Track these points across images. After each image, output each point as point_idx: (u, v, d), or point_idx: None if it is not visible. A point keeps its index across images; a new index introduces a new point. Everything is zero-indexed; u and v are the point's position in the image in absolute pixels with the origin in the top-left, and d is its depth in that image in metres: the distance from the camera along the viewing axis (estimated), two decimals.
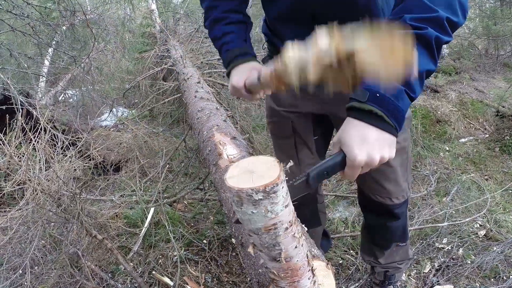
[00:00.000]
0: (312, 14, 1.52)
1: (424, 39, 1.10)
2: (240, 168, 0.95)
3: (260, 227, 0.93)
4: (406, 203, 2.02)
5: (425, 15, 1.11)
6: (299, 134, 1.98)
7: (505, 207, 3.57)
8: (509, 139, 5.02)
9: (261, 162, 0.96)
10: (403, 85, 1.09)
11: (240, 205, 0.89)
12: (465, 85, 6.90)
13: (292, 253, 1.03)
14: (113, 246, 2.43)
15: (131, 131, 4.08)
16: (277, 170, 0.91)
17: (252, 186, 0.86)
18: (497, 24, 6.98)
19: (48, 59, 5.89)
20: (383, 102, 1.08)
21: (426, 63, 1.12)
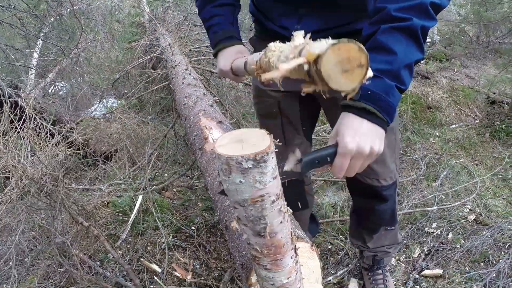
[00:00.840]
0: None
1: (410, 30, 1.13)
2: (230, 138, 0.95)
3: (247, 198, 0.93)
4: (394, 185, 2.01)
5: (409, 3, 1.13)
6: (285, 114, 1.97)
7: (494, 192, 3.58)
8: (499, 125, 5.04)
9: (252, 133, 0.96)
10: (394, 80, 1.12)
11: (228, 173, 0.89)
12: (456, 72, 6.91)
13: (277, 229, 1.02)
14: (100, 233, 2.42)
15: (120, 121, 4.06)
16: (268, 141, 0.91)
17: (242, 153, 0.86)
18: (488, 10, 6.96)
19: (37, 51, 5.84)
20: (374, 99, 1.11)
21: (414, 53, 1.15)
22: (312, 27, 1.57)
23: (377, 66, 1.12)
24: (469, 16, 7.75)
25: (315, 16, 1.58)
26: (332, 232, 2.97)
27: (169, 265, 2.61)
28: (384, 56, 1.13)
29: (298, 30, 1.47)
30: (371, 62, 1.06)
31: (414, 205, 3.23)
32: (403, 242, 2.61)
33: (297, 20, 1.61)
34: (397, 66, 1.12)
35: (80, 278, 2.48)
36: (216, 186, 1.88)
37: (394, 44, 1.13)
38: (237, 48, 1.65)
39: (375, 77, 1.09)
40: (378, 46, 1.15)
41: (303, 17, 1.59)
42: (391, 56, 1.12)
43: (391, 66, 1.12)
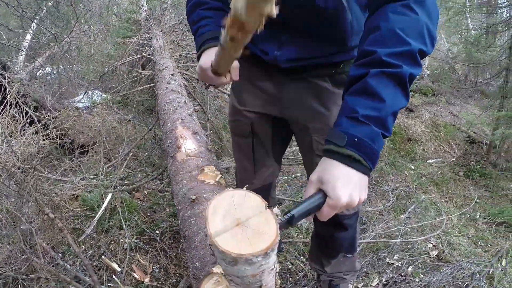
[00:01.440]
0: (286, 21, 1.54)
1: (399, 77, 1.12)
2: (223, 213, 0.89)
3: (248, 275, 0.91)
4: (356, 215, 2.05)
5: (399, 49, 1.13)
6: (257, 134, 2.00)
7: (461, 230, 3.64)
8: (474, 165, 5.14)
9: (246, 203, 0.91)
10: (380, 128, 1.11)
11: (233, 265, 0.86)
12: (440, 108, 7.01)
13: (269, 282, 1.02)
14: (64, 226, 2.42)
15: (101, 116, 4.06)
16: (273, 223, 0.87)
17: (252, 251, 0.82)
18: (479, 51, 7.09)
19: (30, 33, 5.82)
20: (361, 147, 1.10)
21: (401, 101, 1.15)
22: (291, 55, 1.62)
23: (365, 112, 1.11)
24: (461, 55, 7.90)
25: (295, 45, 1.61)
26: (294, 252, 2.99)
27: (129, 265, 2.62)
28: (373, 102, 1.12)
29: (277, 56, 1.53)
30: (359, 107, 1.11)
31: (378, 235, 3.26)
32: (360, 270, 2.65)
33: (278, 47, 1.63)
34: (385, 113, 1.11)
35: (40, 268, 2.48)
36: (181, 196, 1.91)
37: (384, 91, 1.11)
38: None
39: (363, 124, 1.10)
40: (368, 91, 1.13)
41: (284, 43, 1.62)
42: (380, 103, 1.11)
43: (379, 113, 1.11)
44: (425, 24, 1.17)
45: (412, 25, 1.16)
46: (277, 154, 2.14)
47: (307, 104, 1.76)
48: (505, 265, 3.14)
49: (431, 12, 1.19)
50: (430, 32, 1.19)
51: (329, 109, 1.73)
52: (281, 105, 1.83)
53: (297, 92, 1.76)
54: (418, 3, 1.17)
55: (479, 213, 4.05)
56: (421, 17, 1.16)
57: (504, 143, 5.32)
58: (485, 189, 4.71)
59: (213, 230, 0.85)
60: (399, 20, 1.16)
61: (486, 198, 4.50)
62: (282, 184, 3.94)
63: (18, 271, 2.58)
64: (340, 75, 1.70)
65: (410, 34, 1.14)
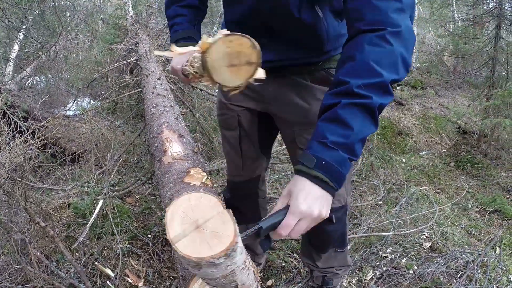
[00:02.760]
0: (265, 25, 1.61)
1: (368, 108, 1.18)
2: (182, 217, 0.89)
3: (218, 277, 0.93)
4: (343, 208, 2.07)
5: (371, 80, 1.18)
6: (244, 127, 2.05)
7: (453, 221, 3.67)
8: (465, 155, 5.17)
9: (203, 207, 0.91)
10: (348, 153, 1.19)
11: (198, 269, 0.88)
12: (430, 100, 7.05)
13: (245, 279, 1.05)
14: (55, 234, 2.43)
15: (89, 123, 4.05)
16: (231, 224, 0.89)
17: (212, 254, 0.84)
18: (467, 43, 7.12)
19: (17, 43, 5.81)
20: (328, 169, 1.18)
21: (369, 128, 1.21)
22: (269, 57, 1.66)
23: (334, 138, 1.18)
24: (448, 47, 7.93)
25: (274, 48, 1.66)
26: (287, 250, 3.01)
27: (123, 270, 2.62)
28: (342, 130, 1.18)
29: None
30: (328, 133, 1.18)
31: (370, 229, 3.28)
32: (354, 264, 2.67)
33: None
34: (352, 140, 1.18)
35: (35, 277, 2.49)
36: (168, 199, 1.92)
37: (352, 120, 1.18)
38: (192, 50, 1.72)
39: (331, 149, 1.18)
40: (337, 120, 1.19)
41: (263, 46, 1.65)
42: (348, 131, 1.18)
43: (346, 141, 1.18)
44: (399, 55, 1.21)
45: (387, 56, 1.20)
46: (264, 146, 2.18)
47: (288, 99, 1.81)
48: (499, 253, 3.16)
49: (406, 41, 1.23)
50: (405, 61, 1.23)
51: (309, 103, 1.78)
52: (264, 101, 1.89)
53: (278, 88, 1.82)
54: (394, 35, 1.21)
55: (471, 202, 4.09)
56: (395, 49, 1.20)
57: (494, 132, 5.36)
58: (477, 179, 4.74)
59: (172, 236, 0.86)
60: (374, 51, 1.21)
61: (478, 187, 4.53)
62: (273, 183, 3.95)
63: (14, 281, 2.58)
64: (319, 72, 1.75)
65: (384, 66, 1.19)
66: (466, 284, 2.76)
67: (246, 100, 1.95)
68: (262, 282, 2.72)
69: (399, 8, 1.23)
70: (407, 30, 1.24)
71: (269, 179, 3.92)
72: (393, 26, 1.21)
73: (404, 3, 1.24)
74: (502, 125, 4.78)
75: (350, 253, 3.00)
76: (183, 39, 1.75)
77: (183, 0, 1.81)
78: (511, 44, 5.64)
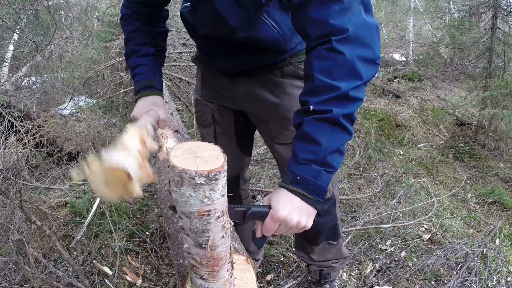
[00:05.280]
0: (225, 43, 1.68)
1: (331, 120, 1.19)
2: (185, 149, 0.99)
3: (194, 211, 0.98)
4: (330, 201, 2.06)
5: (328, 95, 1.19)
6: (219, 123, 2.06)
7: (452, 212, 3.66)
8: (463, 146, 5.17)
9: (206, 148, 1.00)
10: (321, 166, 1.21)
11: (180, 185, 0.94)
12: (427, 92, 7.05)
13: (218, 242, 1.08)
14: (52, 233, 2.42)
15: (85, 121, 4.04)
16: (222, 159, 0.96)
17: (197, 169, 0.91)
18: (464, 34, 7.09)
19: (12, 43, 5.78)
20: (303, 183, 1.22)
21: (341, 138, 1.23)
22: (236, 63, 1.76)
23: (303, 155, 1.22)
24: (445, 39, 7.90)
25: (238, 56, 1.73)
26: (286, 244, 3.00)
27: (121, 268, 2.62)
28: (309, 146, 1.21)
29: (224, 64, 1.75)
30: (299, 151, 1.22)
31: (369, 222, 3.28)
32: (349, 257, 2.66)
33: (223, 57, 1.77)
34: (321, 155, 1.20)
35: (33, 277, 2.48)
36: (164, 195, 1.92)
37: (318, 135, 1.20)
38: (152, 100, 1.80)
39: (303, 164, 1.21)
40: (304, 137, 1.22)
41: (229, 54, 1.74)
42: (315, 146, 1.20)
43: (315, 156, 1.20)
44: (355, 59, 1.19)
45: (339, 67, 1.19)
46: (242, 143, 2.17)
47: (259, 96, 1.83)
48: (498, 244, 3.17)
49: (360, 40, 1.21)
50: (366, 59, 1.22)
51: (281, 98, 1.80)
52: (236, 100, 1.92)
53: (249, 86, 1.85)
54: (342, 42, 1.19)
55: (470, 194, 4.09)
56: (347, 56, 1.19)
57: (491, 123, 5.35)
58: (475, 170, 4.74)
59: (172, 155, 0.96)
60: (325, 66, 1.21)
61: (477, 178, 4.53)
62: (271, 177, 3.94)
63: (12, 281, 2.57)
64: (287, 67, 1.77)
65: (339, 77, 1.19)
66: (466, 276, 2.77)
67: (220, 98, 1.98)
68: (261, 277, 2.71)
69: (340, 10, 1.19)
70: (358, 27, 1.20)
71: (266, 173, 3.90)
72: (338, 32, 1.19)
73: (345, 0, 1.19)
74: (500, 115, 4.77)
75: (349, 246, 2.99)
76: (144, 88, 1.82)
77: (139, 51, 1.86)
78: (508, 35, 5.62)
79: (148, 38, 1.86)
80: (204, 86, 2.04)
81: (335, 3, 1.19)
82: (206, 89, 2.03)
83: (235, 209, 1.23)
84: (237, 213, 1.24)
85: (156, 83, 1.85)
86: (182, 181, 0.92)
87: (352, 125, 1.24)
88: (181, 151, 0.98)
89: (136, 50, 1.86)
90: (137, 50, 1.86)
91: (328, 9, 1.19)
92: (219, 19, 1.52)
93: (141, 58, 1.85)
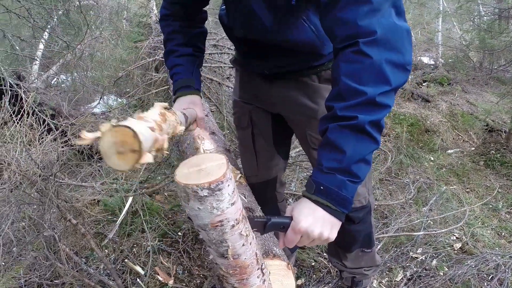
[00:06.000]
0: (260, 47, 1.69)
1: (357, 127, 1.16)
2: (190, 164, 1.00)
3: (207, 223, 0.98)
4: (365, 208, 2.04)
5: (354, 101, 1.15)
6: (257, 125, 2.06)
7: (483, 221, 3.60)
8: (494, 154, 5.07)
9: (210, 159, 1.01)
10: (345, 176, 1.17)
11: (187, 200, 0.95)
12: (456, 97, 6.93)
13: (240, 251, 1.08)
14: (86, 231, 2.44)
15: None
16: (224, 169, 0.96)
17: (198, 182, 0.91)
18: (493, 37, 6.98)
19: (43, 42, 5.87)
20: (327, 194, 1.18)
21: (367, 147, 1.19)
22: (274, 65, 1.77)
23: (327, 164, 1.19)
24: (474, 42, 7.79)
25: (276, 58, 1.73)
26: (317, 249, 2.98)
27: (153, 268, 2.63)
28: (334, 154, 1.18)
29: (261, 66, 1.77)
30: (323, 159, 1.19)
31: (400, 229, 3.24)
32: (381, 264, 2.64)
33: (260, 59, 1.78)
34: (346, 164, 1.16)
35: (65, 273, 2.51)
36: None
37: (343, 143, 1.16)
38: (190, 99, 1.81)
39: (327, 174, 1.18)
40: (329, 144, 1.19)
41: (267, 56, 1.75)
42: (340, 154, 1.17)
43: (340, 165, 1.17)
44: (383, 63, 1.15)
45: (367, 71, 1.15)
46: (280, 146, 2.17)
47: (296, 100, 1.82)
48: None
49: (390, 43, 1.16)
50: (396, 64, 1.17)
51: (318, 103, 1.78)
52: (273, 103, 1.92)
53: (285, 91, 1.84)
54: (370, 44, 1.15)
55: (501, 203, 4.00)
56: (375, 59, 1.14)
57: None
58: (507, 178, 4.64)
59: (177, 171, 0.97)
60: (352, 70, 1.17)
61: (508, 187, 4.43)
62: (302, 181, 3.92)
63: (43, 277, 2.61)
64: (325, 71, 1.75)
65: (365, 82, 1.15)
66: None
67: (257, 100, 1.98)
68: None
69: (369, 11, 1.15)
70: (387, 30, 1.16)
71: (297, 176, 3.89)
72: (366, 35, 1.15)
73: (375, 1, 1.15)
74: None
75: (380, 253, 2.96)
76: (182, 88, 1.83)
77: (177, 51, 1.88)
78: None
79: (186, 39, 1.88)
80: (242, 88, 2.04)
81: (364, 4, 1.15)
82: (244, 91, 2.03)
83: (255, 220, 1.23)
84: (257, 223, 1.23)
85: (194, 82, 1.86)
86: (187, 196, 0.93)
87: (380, 133, 1.20)
88: (186, 167, 0.99)
89: (174, 50, 1.88)
90: (175, 50, 1.88)
91: (357, 9, 1.16)
92: (255, 21, 1.52)
93: (179, 58, 1.87)
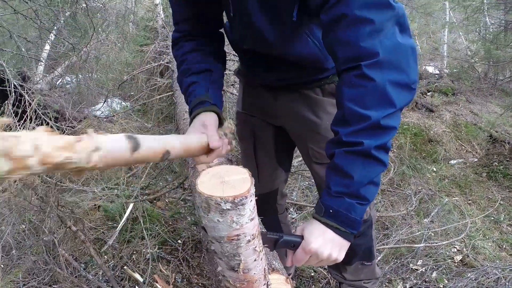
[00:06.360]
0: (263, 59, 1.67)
1: (363, 153, 1.15)
2: (212, 174, 1.01)
3: (224, 236, 0.98)
4: (366, 222, 2.03)
5: (359, 126, 1.14)
6: (259, 138, 2.04)
7: (485, 234, 3.58)
8: (497, 165, 5.04)
9: (234, 172, 1.02)
10: (354, 199, 1.18)
11: (207, 211, 0.94)
12: (461, 107, 6.92)
13: (251, 266, 1.08)
14: (86, 238, 2.44)
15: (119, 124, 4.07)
16: (248, 183, 0.97)
17: (222, 195, 0.91)
18: (499, 49, 6.97)
19: (49, 44, 5.88)
20: (336, 216, 1.19)
21: (375, 170, 1.18)
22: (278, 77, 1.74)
23: (335, 188, 1.19)
24: (480, 53, 7.78)
25: (280, 70, 1.70)
26: None
27: (151, 276, 2.63)
28: (341, 179, 1.18)
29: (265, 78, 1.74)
30: (332, 183, 1.20)
31: (401, 240, 3.23)
32: (383, 276, 2.62)
33: (264, 71, 1.75)
34: (354, 188, 1.17)
35: (63, 279, 2.51)
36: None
37: (350, 168, 1.16)
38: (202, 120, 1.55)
39: (336, 197, 1.18)
40: (337, 169, 1.18)
41: (270, 68, 1.72)
42: (347, 179, 1.17)
43: (348, 189, 1.17)
44: (386, 84, 1.13)
45: (369, 95, 1.14)
46: (282, 159, 2.15)
47: (299, 113, 1.80)
48: None
49: (393, 64, 1.14)
50: (400, 84, 1.15)
51: (321, 117, 1.76)
52: (276, 116, 1.90)
53: (288, 103, 1.82)
54: (372, 67, 1.13)
55: (503, 215, 3.98)
56: (378, 82, 1.12)
57: None
58: (509, 190, 4.62)
59: (199, 181, 0.97)
60: (355, 94, 1.16)
61: (510, 199, 4.41)
62: (304, 190, 3.92)
63: (42, 281, 2.61)
64: (329, 85, 1.73)
65: (369, 106, 1.13)
66: None
67: (260, 112, 1.96)
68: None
69: (371, 31, 1.13)
70: (390, 50, 1.13)
71: (299, 185, 3.88)
72: (369, 57, 1.13)
73: (377, 21, 1.13)
74: None
75: (380, 264, 2.95)
76: (197, 105, 1.63)
77: (189, 70, 1.73)
78: None
79: (200, 57, 1.74)
80: (245, 99, 2.02)
81: (366, 24, 1.13)
82: (247, 103, 2.01)
83: (267, 236, 1.23)
84: (269, 240, 1.24)
85: (210, 97, 1.67)
86: (209, 207, 0.93)
87: (387, 154, 1.19)
88: (208, 177, 0.99)
89: (186, 70, 1.75)
90: (186, 70, 1.75)
91: (358, 30, 1.13)
92: (258, 34, 1.50)
93: (191, 76, 1.72)
